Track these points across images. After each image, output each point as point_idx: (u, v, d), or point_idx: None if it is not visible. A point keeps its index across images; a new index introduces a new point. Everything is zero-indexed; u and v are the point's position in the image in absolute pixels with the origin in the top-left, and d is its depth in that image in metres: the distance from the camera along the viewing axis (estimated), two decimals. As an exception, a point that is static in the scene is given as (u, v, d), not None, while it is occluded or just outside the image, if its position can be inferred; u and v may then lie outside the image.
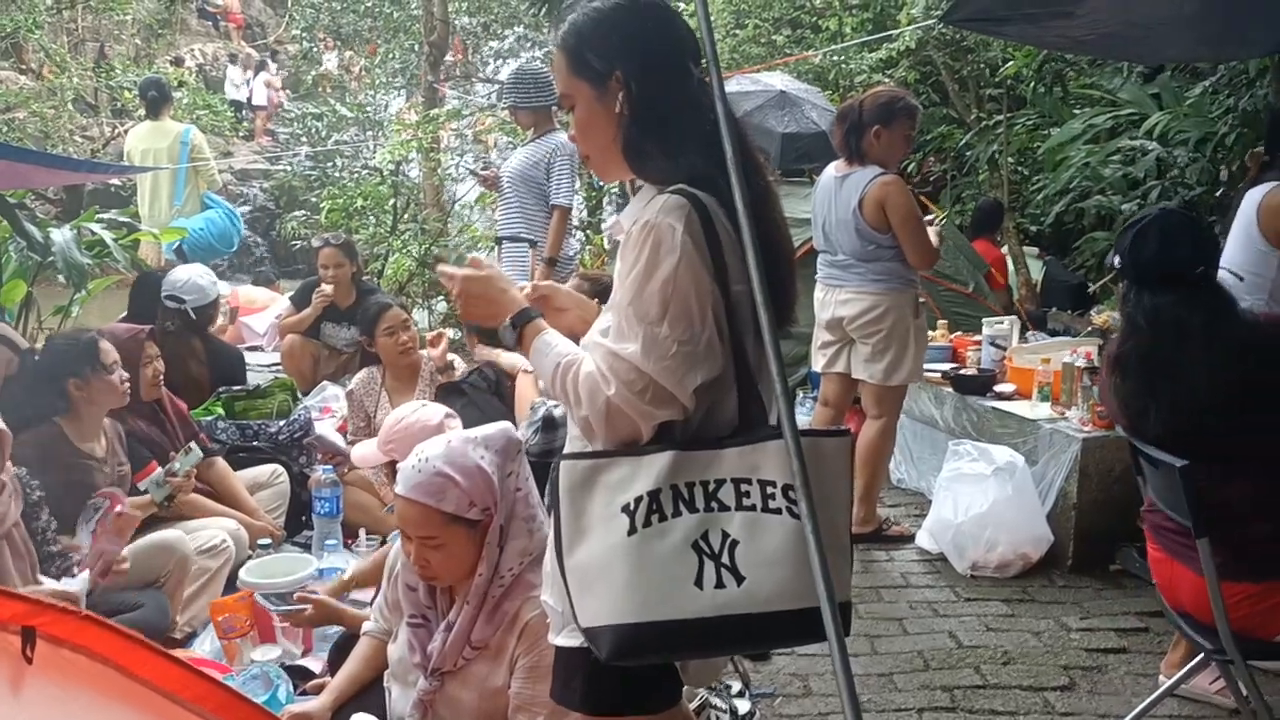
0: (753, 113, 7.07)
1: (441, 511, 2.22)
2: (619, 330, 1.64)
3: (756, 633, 1.60)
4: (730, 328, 1.67)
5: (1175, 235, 2.64)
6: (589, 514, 1.63)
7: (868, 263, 4.27)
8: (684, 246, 1.61)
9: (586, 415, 1.65)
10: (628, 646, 1.59)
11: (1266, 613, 2.51)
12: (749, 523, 1.60)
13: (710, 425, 1.68)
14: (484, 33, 13.57)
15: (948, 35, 8.35)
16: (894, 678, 3.34)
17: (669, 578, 1.58)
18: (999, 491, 4.14)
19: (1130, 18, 4.26)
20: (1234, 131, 6.82)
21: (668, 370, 1.61)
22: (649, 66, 1.72)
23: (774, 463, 1.62)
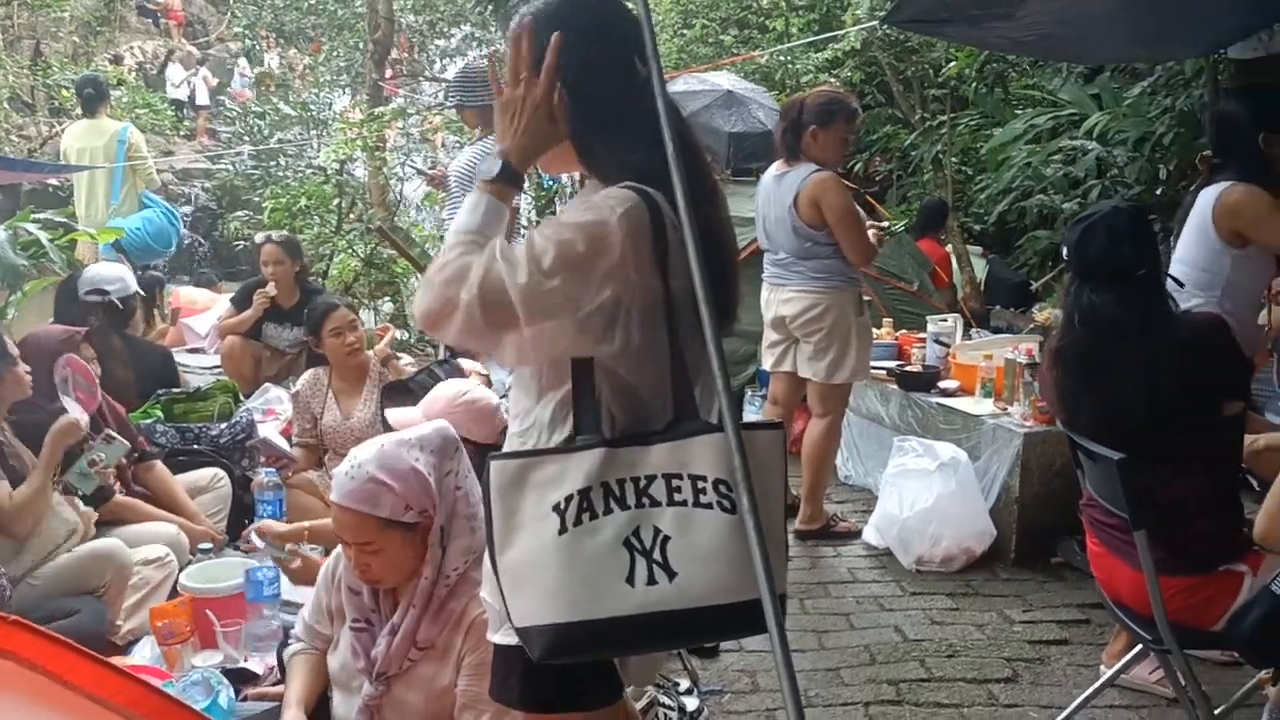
0: (700, 112, 7.10)
1: (377, 517, 2.20)
2: (514, 253, 1.60)
3: (690, 628, 1.59)
4: (669, 324, 1.67)
5: (1121, 233, 2.68)
6: (520, 513, 1.62)
7: (807, 260, 4.30)
8: (616, 226, 1.60)
9: (434, 277, 1.61)
10: (560, 646, 1.58)
11: (1202, 604, 2.55)
12: (680, 518, 1.59)
13: (645, 420, 1.68)
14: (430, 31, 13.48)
15: (892, 36, 8.43)
16: (841, 672, 3.36)
17: (600, 576, 1.57)
18: (943, 487, 4.19)
19: (1068, 19, 4.33)
20: (1171, 131, 6.96)
21: (534, 309, 1.57)
22: (591, 62, 1.71)
23: (705, 457, 1.61)
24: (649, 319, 1.66)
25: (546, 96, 1.69)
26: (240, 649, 3.02)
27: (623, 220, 1.61)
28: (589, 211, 1.63)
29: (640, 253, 1.62)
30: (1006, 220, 8.69)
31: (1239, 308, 3.31)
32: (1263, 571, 2.48)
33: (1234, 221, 3.23)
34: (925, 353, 5.11)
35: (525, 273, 1.57)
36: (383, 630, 2.34)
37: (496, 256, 1.59)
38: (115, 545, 3.43)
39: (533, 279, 1.57)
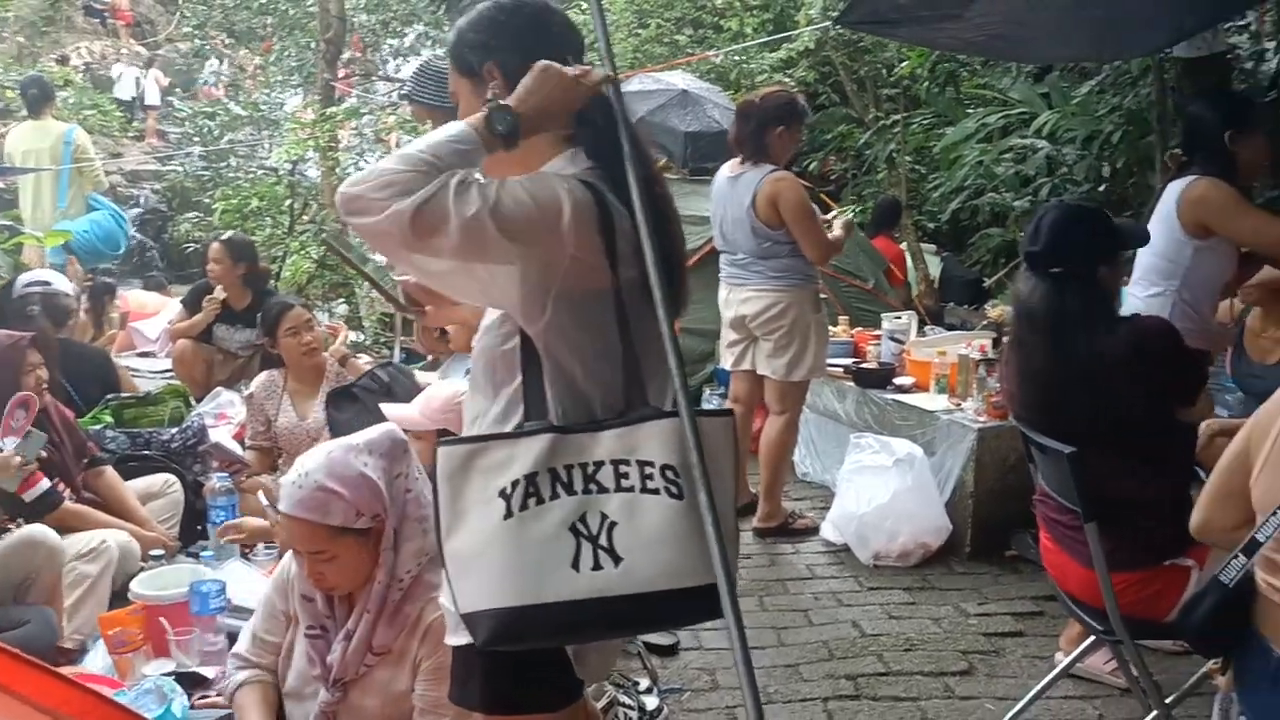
0: (655, 111, 7.10)
1: (328, 526, 2.18)
2: (465, 185, 1.59)
3: (636, 614, 1.59)
4: (619, 313, 1.67)
5: (1069, 228, 2.72)
6: (466, 498, 1.62)
7: (766, 260, 4.32)
8: (565, 200, 1.62)
9: (379, 168, 1.59)
10: (504, 631, 1.58)
11: (1152, 597, 2.58)
12: (627, 504, 1.60)
13: (593, 408, 1.68)
14: (383, 30, 13.35)
15: (845, 36, 8.50)
16: (800, 668, 3.38)
17: (545, 560, 1.57)
18: (899, 483, 4.22)
19: (1017, 19, 4.38)
20: (1119, 130, 7.07)
21: (462, 230, 1.56)
22: (524, 56, 1.73)
23: (652, 443, 1.62)
24: (595, 306, 1.67)
25: (587, 88, 1.70)
26: (192, 657, 2.99)
27: (569, 196, 1.63)
28: (543, 179, 1.65)
29: (585, 234, 1.63)
30: (959, 218, 8.80)
31: (1197, 298, 3.38)
32: (1209, 564, 2.52)
33: (1198, 212, 3.30)
34: (881, 350, 5.14)
35: (475, 207, 1.57)
36: (338, 636, 2.32)
37: (450, 185, 1.57)
38: (41, 531, 3.35)
39: (481, 213, 1.57)
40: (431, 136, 1.65)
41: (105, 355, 5.48)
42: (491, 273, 1.62)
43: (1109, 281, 2.76)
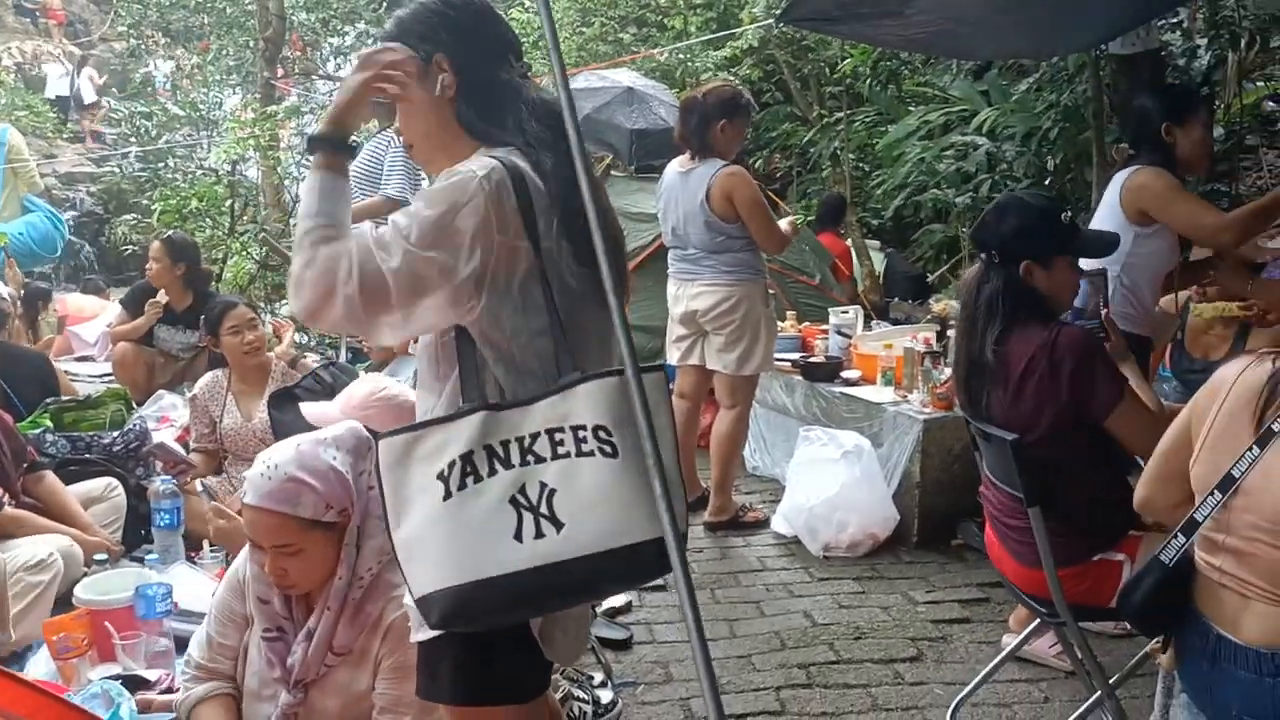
0: (601, 109, 7.11)
1: (298, 518, 2.16)
2: (385, 236, 1.63)
3: (583, 577, 1.60)
4: (544, 287, 1.70)
5: (1006, 217, 2.74)
6: (408, 487, 1.63)
7: (718, 254, 4.35)
8: (479, 188, 1.64)
9: (301, 257, 1.64)
10: (456, 609, 1.59)
11: (1091, 589, 2.61)
12: (565, 470, 1.61)
13: (526, 383, 1.70)
14: (323, 29, 13.21)
15: (788, 34, 8.57)
16: (752, 658, 3.40)
17: (488, 535, 1.58)
18: (848, 474, 4.27)
19: (956, 17, 4.44)
20: (1056, 126, 7.20)
21: (407, 289, 1.61)
22: (469, 51, 1.79)
23: (583, 406, 1.64)
24: (522, 284, 1.69)
25: (366, 85, 1.75)
26: (138, 661, 2.94)
27: (484, 182, 1.65)
28: (452, 178, 1.67)
29: (504, 215, 1.66)
30: (903, 214, 8.91)
31: (1137, 283, 3.46)
32: (1140, 556, 2.57)
33: (1138, 199, 3.38)
34: (828, 344, 5.20)
35: (398, 256, 1.61)
36: (298, 637, 2.29)
37: (370, 244, 1.62)
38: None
39: (406, 258, 1.61)
40: (303, 209, 1.68)
41: (44, 358, 5.37)
42: (450, 292, 1.65)
43: (1041, 282, 2.71)
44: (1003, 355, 2.67)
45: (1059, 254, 2.74)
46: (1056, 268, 2.73)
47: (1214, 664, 1.98)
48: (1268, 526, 1.87)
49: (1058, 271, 2.74)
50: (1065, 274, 2.77)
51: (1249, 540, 1.90)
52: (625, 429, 1.61)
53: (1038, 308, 2.72)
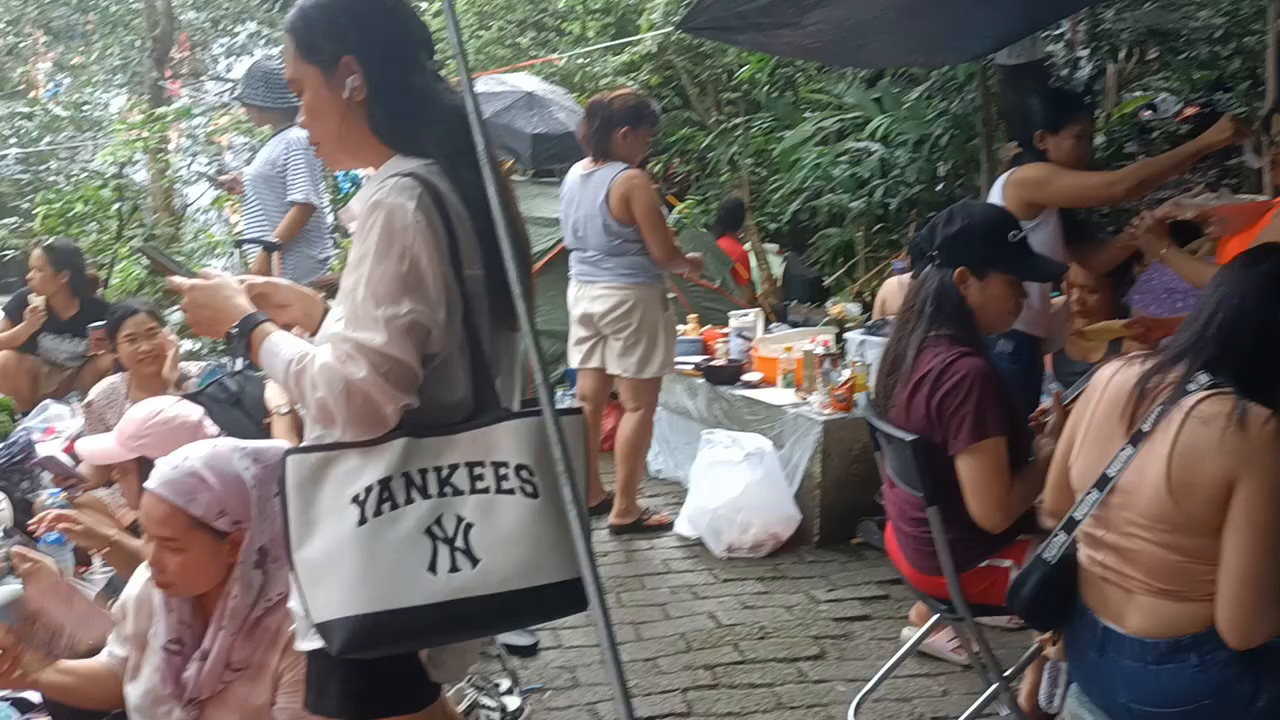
0: (501, 113, 7.07)
1: (189, 514, 2.10)
2: (356, 318, 1.61)
3: (495, 613, 1.61)
4: (465, 313, 1.68)
5: (950, 223, 2.72)
6: (318, 506, 1.61)
7: (616, 257, 4.38)
8: (417, 224, 1.61)
9: (324, 398, 1.61)
10: (362, 638, 1.57)
11: (983, 591, 2.66)
12: (483, 505, 1.61)
13: (443, 410, 1.68)
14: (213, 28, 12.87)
15: (687, 41, 8.64)
16: (658, 661, 3.43)
17: (401, 565, 1.57)
18: (750, 476, 4.33)
19: (850, 27, 4.53)
20: (947, 133, 7.41)
21: (410, 349, 1.61)
22: (380, 52, 1.73)
23: (506, 443, 1.64)
24: (447, 311, 1.67)
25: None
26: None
27: (418, 212, 1.63)
28: (381, 218, 1.62)
29: (432, 241, 1.63)
30: (800, 219, 9.05)
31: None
32: (1026, 558, 2.64)
33: (1020, 192, 3.47)
34: (729, 347, 5.26)
35: (380, 332, 1.59)
36: (194, 654, 2.23)
37: (349, 335, 1.61)
38: None
39: (389, 329, 1.59)
40: (272, 364, 1.70)
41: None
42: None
43: (972, 293, 2.67)
44: (914, 359, 2.67)
45: (998, 268, 2.68)
46: (991, 282, 2.67)
47: (1101, 654, 2.06)
48: (1143, 522, 1.96)
49: (991, 286, 2.68)
50: (1000, 290, 2.69)
51: (1127, 536, 1.99)
52: (547, 469, 1.62)
53: (963, 320, 2.66)
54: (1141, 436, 1.97)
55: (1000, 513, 2.54)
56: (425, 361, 1.65)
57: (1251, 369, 1.93)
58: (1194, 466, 1.87)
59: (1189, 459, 1.89)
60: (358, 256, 1.64)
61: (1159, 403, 1.97)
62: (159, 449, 2.28)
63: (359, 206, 1.70)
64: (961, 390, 2.54)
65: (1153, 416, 1.96)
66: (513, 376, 1.85)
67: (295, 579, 1.64)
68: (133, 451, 2.72)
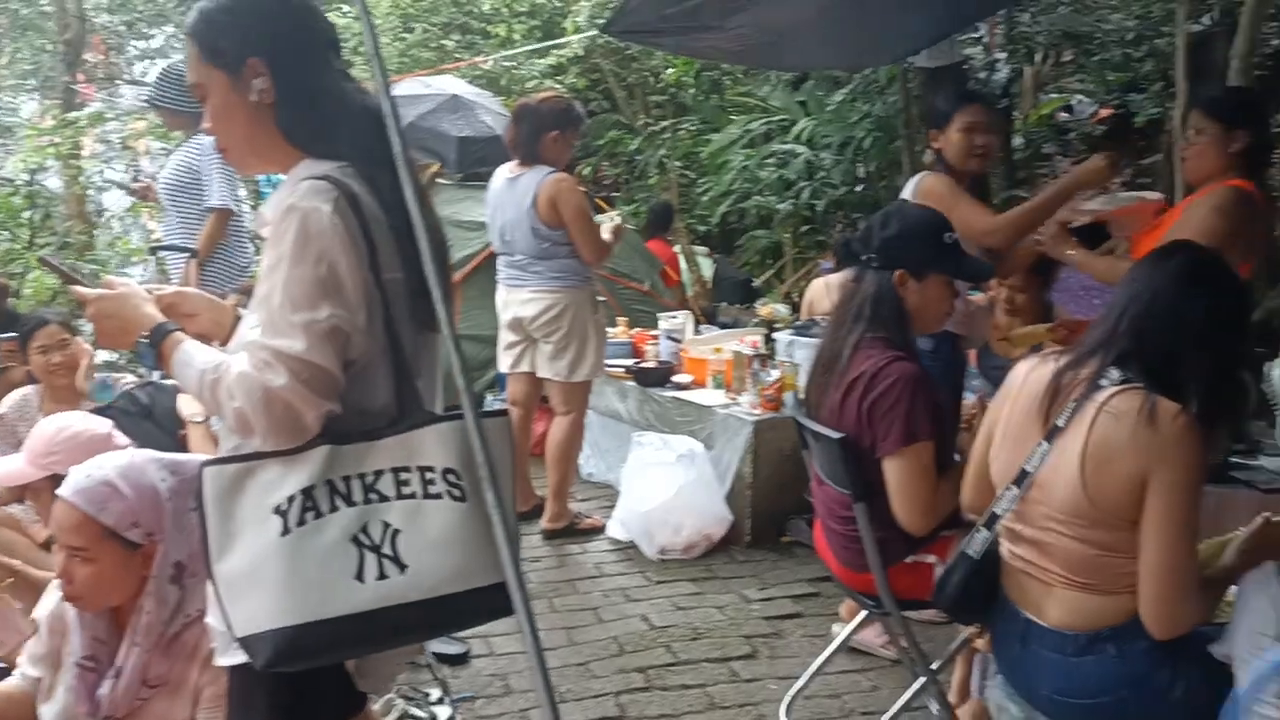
0: (426, 116, 7.00)
1: (100, 523, 2.04)
2: (273, 325, 1.58)
3: (425, 619, 1.59)
4: (386, 317, 1.65)
5: (888, 225, 2.72)
6: (238, 518, 1.57)
7: (545, 260, 4.35)
8: (333, 227, 1.58)
9: (241, 407, 1.57)
10: (288, 650, 1.53)
11: (909, 586, 2.70)
12: (410, 510, 1.59)
13: (366, 416, 1.65)
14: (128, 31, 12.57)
15: (613, 44, 8.64)
16: (590, 665, 3.41)
17: (327, 575, 1.55)
18: (682, 477, 4.33)
19: (773, 30, 4.57)
20: (870, 135, 7.51)
21: (330, 355, 1.58)
22: (287, 53, 1.70)
23: (432, 448, 1.62)
24: (366, 315, 1.64)
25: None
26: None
27: (334, 215, 1.59)
28: (296, 222, 1.59)
29: (349, 245, 1.60)
30: (728, 221, 9.12)
31: None
32: (950, 554, 2.68)
33: (927, 201, 3.50)
34: (659, 349, 5.26)
35: (299, 338, 1.55)
36: (109, 671, 2.17)
37: (266, 342, 1.57)
38: None
39: (307, 334, 1.55)
40: (185, 374, 1.66)
41: None
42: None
43: (912, 294, 2.69)
44: (849, 361, 2.68)
45: (936, 270, 2.71)
46: (929, 283, 2.71)
47: (1024, 646, 2.10)
48: (1060, 517, 1.99)
49: (930, 287, 2.71)
50: (938, 292, 2.73)
51: (1045, 530, 2.03)
52: (474, 472, 1.61)
53: (899, 323, 2.69)
54: (1057, 432, 2.00)
55: (924, 517, 2.58)
56: (346, 367, 1.62)
57: (1161, 364, 1.97)
58: (1107, 462, 1.91)
59: (1102, 455, 1.92)
60: (272, 262, 1.61)
61: (1073, 399, 2.00)
62: (70, 465, 2.21)
63: (271, 211, 1.66)
64: (893, 395, 2.56)
65: (1067, 412, 2.00)
66: (435, 379, 1.83)
67: (215, 593, 1.60)
68: (44, 470, 2.64)
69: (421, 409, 1.70)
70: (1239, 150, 3.10)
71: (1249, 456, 3.01)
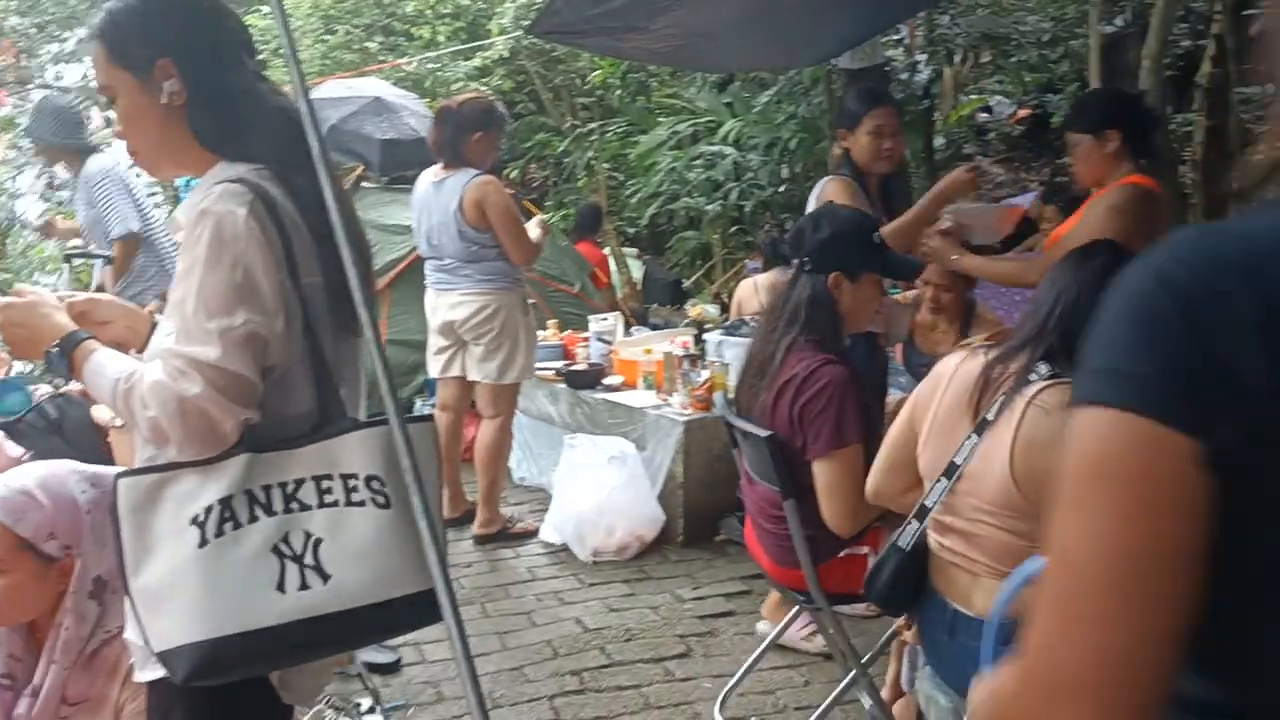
0: (349, 119, 6.89)
1: (15, 534, 1.97)
2: (187, 332, 1.54)
3: (349, 629, 1.57)
4: (305, 323, 1.63)
5: (819, 229, 2.75)
6: (154, 531, 1.53)
7: (473, 263, 4.33)
8: (249, 231, 1.55)
9: (156, 417, 1.53)
10: (207, 664, 1.50)
11: (842, 580, 2.72)
12: (333, 519, 1.57)
13: (286, 424, 1.63)
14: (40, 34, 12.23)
15: (539, 46, 8.61)
16: (524, 669, 3.40)
17: (247, 586, 1.52)
18: (614, 479, 4.34)
19: (698, 32, 4.60)
20: (795, 136, 7.58)
21: (247, 361, 1.54)
22: (198, 54, 1.66)
23: (355, 455, 1.60)
24: (286, 322, 1.61)
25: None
26: None
27: (250, 219, 1.56)
28: (210, 226, 1.55)
29: (266, 249, 1.57)
30: (657, 222, 9.14)
31: None
32: (881, 544, 2.71)
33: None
34: (589, 351, 5.26)
35: (214, 345, 1.52)
36: (26, 688, 2.10)
37: (180, 350, 1.53)
38: None
39: (223, 341, 1.52)
40: (98, 384, 1.61)
41: None
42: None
43: (846, 296, 2.73)
44: (781, 362, 2.70)
45: (869, 270, 2.76)
46: (863, 284, 2.76)
47: (952, 637, 2.13)
48: (988, 508, 2.02)
49: (863, 288, 2.76)
50: (870, 292, 2.79)
51: (973, 521, 2.06)
52: (398, 479, 1.58)
53: (832, 325, 2.72)
54: (986, 425, 2.04)
55: (852, 519, 2.62)
56: (265, 373, 1.59)
57: None
58: (1036, 455, 1.94)
59: (1031, 447, 1.96)
60: (186, 267, 1.57)
61: (1002, 392, 2.04)
62: None
63: (185, 215, 1.62)
64: (823, 398, 2.60)
65: (996, 406, 2.03)
66: (359, 385, 1.80)
67: (132, 608, 1.57)
68: None
69: (344, 415, 1.68)
70: (1115, 149, 3.17)
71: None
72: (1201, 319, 0.70)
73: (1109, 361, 0.75)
